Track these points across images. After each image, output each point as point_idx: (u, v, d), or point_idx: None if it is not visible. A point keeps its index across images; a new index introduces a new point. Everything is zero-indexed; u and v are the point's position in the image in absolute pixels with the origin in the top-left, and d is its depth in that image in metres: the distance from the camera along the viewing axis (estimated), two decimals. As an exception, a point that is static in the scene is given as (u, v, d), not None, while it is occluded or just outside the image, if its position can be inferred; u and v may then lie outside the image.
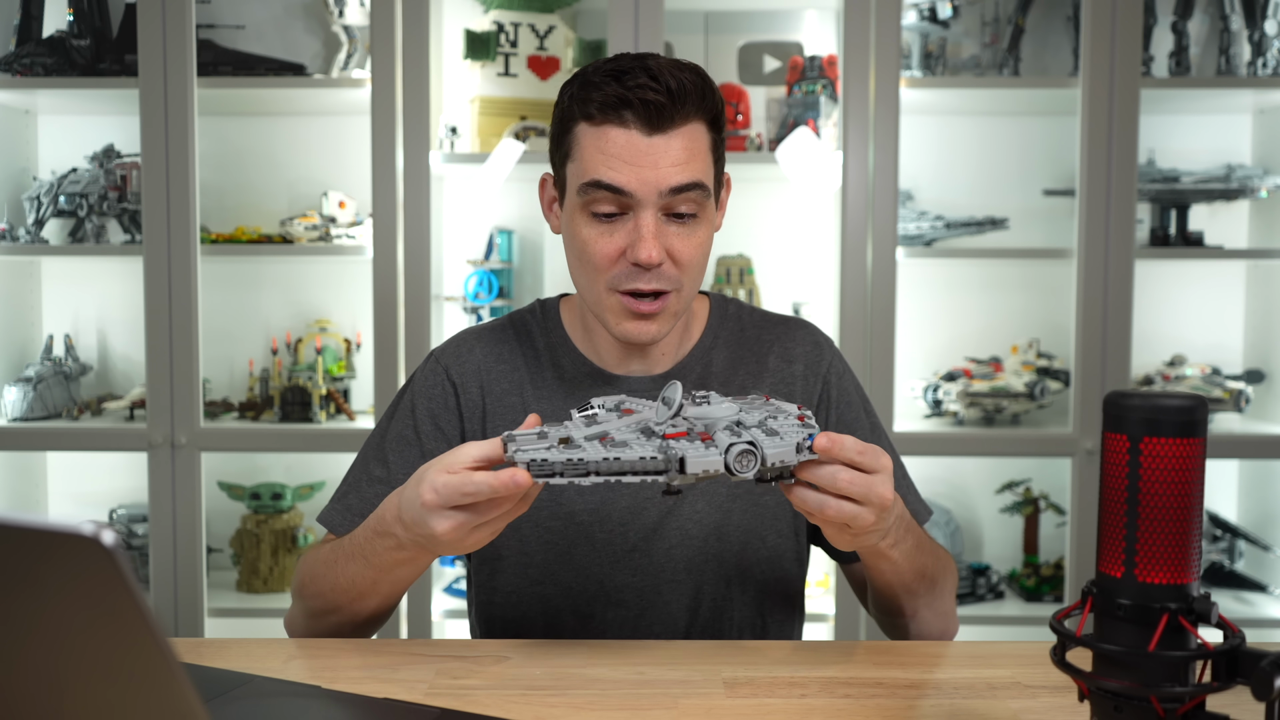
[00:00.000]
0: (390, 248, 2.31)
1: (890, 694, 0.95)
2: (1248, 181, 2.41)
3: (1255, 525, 2.57)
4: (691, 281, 1.15)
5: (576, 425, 0.95)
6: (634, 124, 1.09)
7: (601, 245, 1.12)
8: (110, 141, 2.51)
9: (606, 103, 1.09)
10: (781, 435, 0.91)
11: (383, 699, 0.92)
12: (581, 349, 1.24)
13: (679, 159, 1.09)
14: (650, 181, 1.09)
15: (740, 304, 1.31)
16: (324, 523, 1.22)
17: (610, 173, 1.09)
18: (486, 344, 1.26)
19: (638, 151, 1.09)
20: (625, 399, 1.02)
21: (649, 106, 1.08)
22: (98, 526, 0.48)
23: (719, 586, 1.20)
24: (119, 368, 2.65)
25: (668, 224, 1.12)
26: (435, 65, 2.40)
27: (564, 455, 0.89)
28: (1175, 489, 0.70)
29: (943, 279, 2.60)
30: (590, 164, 1.10)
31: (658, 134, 1.09)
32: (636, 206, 1.10)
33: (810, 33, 2.60)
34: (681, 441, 0.90)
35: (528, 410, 1.22)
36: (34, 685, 0.55)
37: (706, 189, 1.12)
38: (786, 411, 0.96)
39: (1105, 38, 2.26)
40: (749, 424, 0.93)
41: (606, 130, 1.09)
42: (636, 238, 1.10)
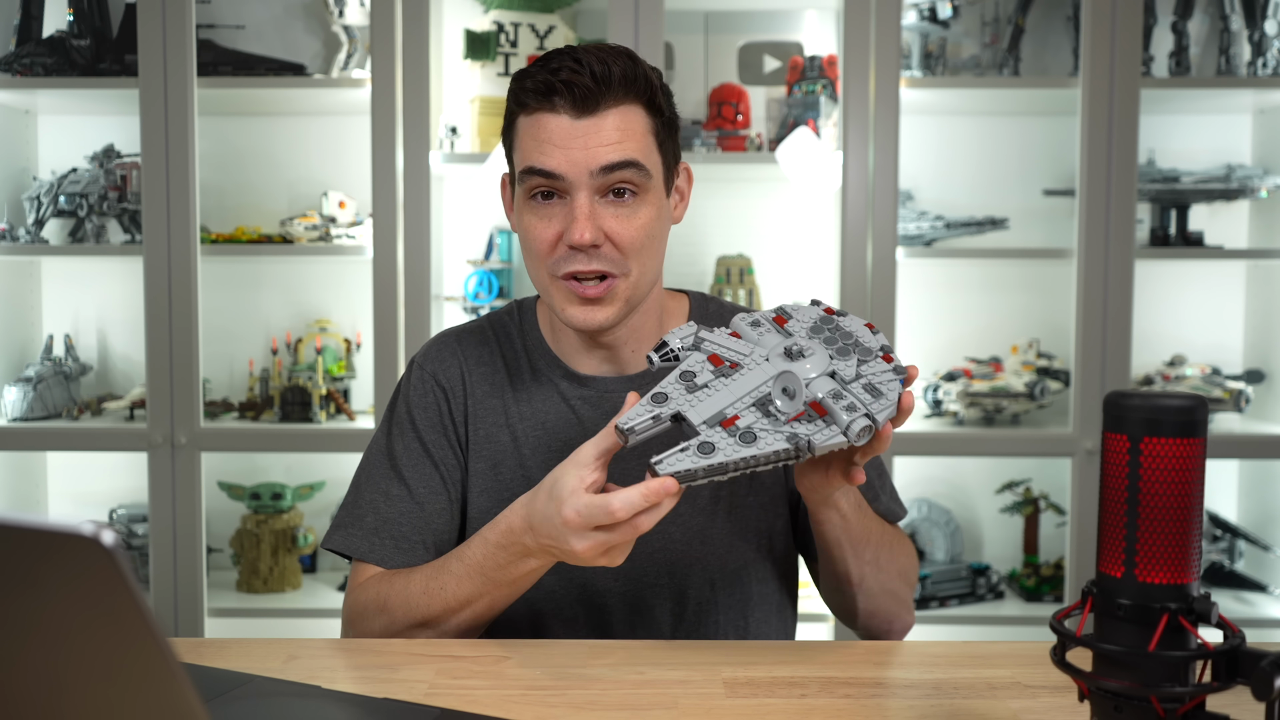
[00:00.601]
0: (390, 248, 2.31)
1: (890, 694, 0.95)
2: (1248, 181, 2.41)
3: (1255, 525, 2.57)
4: (640, 266, 1.14)
5: (677, 391, 0.96)
6: (563, 108, 1.10)
7: (540, 230, 1.12)
8: (110, 141, 2.51)
9: (537, 89, 1.10)
10: (884, 392, 0.95)
11: (383, 699, 0.92)
12: (554, 350, 1.24)
13: (610, 139, 1.10)
14: (580, 162, 1.09)
15: (721, 302, 1.31)
16: (350, 551, 1.19)
17: (541, 157, 1.10)
18: (466, 346, 1.26)
19: (567, 134, 1.10)
20: (699, 333, 1.02)
21: (573, 89, 1.09)
22: (98, 526, 0.48)
23: (703, 590, 1.20)
24: (119, 368, 2.65)
25: (604, 206, 1.12)
26: (435, 65, 2.40)
27: (705, 462, 0.91)
28: (1175, 489, 0.70)
29: (943, 279, 2.60)
30: (525, 151, 1.12)
31: (587, 116, 1.10)
32: (571, 189, 1.11)
33: (810, 33, 2.60)
34: (803, 424, 0.93)
35: (509, 413, 1.22)
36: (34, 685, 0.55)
37: (642, 168, 1.12)
38: (867, 348, 0.99)
39: (1105, 38, 2.26)
40: (848, 378, 0.96)
41: (539, 117, 1.11)
42: (570, 220, 1.10)
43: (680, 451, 0.92)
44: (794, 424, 0.93)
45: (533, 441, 1.21)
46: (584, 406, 1.21)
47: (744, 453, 0.91)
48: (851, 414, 0.92)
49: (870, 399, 0.94)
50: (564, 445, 1.20)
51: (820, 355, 0.97)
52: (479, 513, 1.21)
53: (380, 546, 1.18)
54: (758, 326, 1.02)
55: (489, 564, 1.06)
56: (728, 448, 0.91)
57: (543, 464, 1.19)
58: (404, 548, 1.18)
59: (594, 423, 1.20)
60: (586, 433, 1.20)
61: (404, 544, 1.18)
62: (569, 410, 1.21)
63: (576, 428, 1.20)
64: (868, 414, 0.92)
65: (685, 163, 1.23)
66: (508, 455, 1.21)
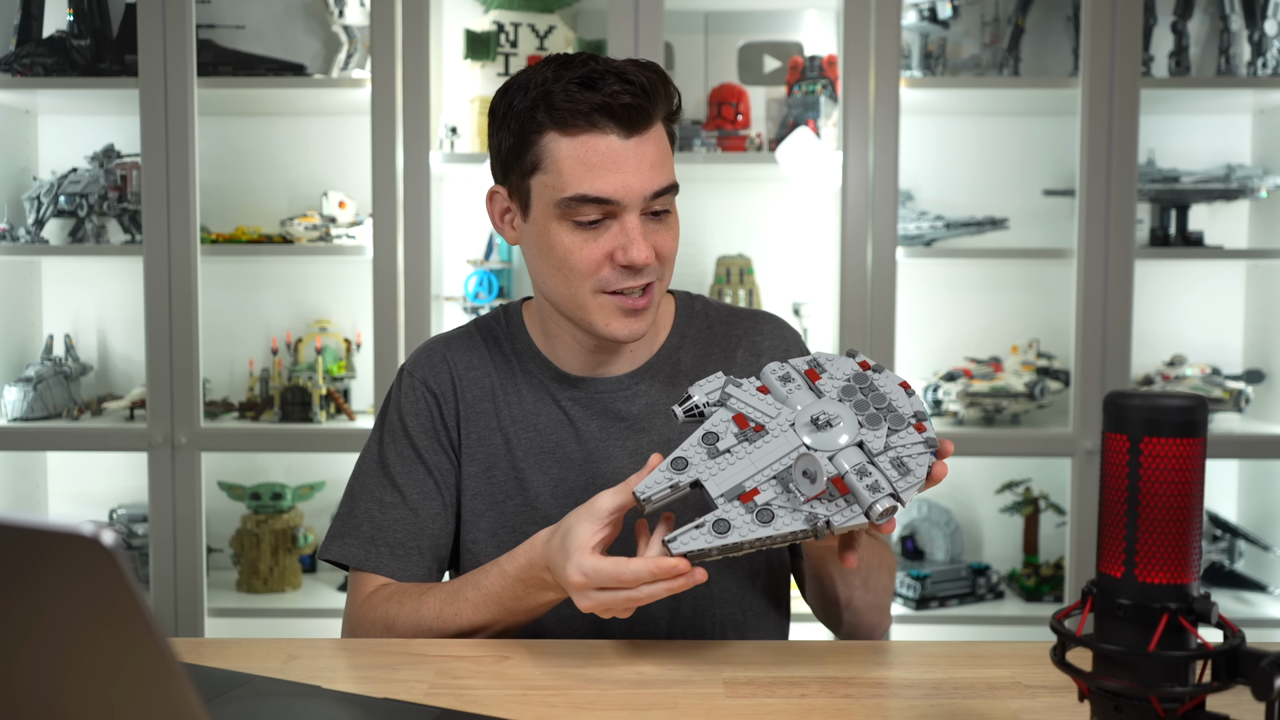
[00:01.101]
0: (390, 248, 2.31)
1: (890, 694, 0.95)
2: (1248, 181, 2.41)
3: (1255, 525, 2.57)
4: (669, 272, 1.17)
5: (699, 456, 0.95)
6: (611, 129, 1.09)
7: (587, 252, 1.11)
8: (110, 141, 2.51)
9: (580, 110, 1.08)
10: (911, 469, 0.92)
11: (383, 699, 0.92)
12: (545, 353, 1.24)
13: (655, 161, 1.11)
14: (635, 188, 1.09)
15: (706, 300, 1.31)
16: (347, 560, 1.19)
17: (597, 183, 1.09)
18: (456, 351, 1.26)
19: (619, 157, 1.09)
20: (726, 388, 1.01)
21: (628, 110, 1.08)
22: (98, 526, 0.48)
23: (699, 589, 1.20)
24: (119, 368, 2.65)
25: (648, 222, 1.13)
26: (435, 65, 2.40)
27: (719, 542, 0.90)
28: (1175, 489, 0.70)
29: (943, 279, 2.60)
30: (572, 176, 1.09)
31: (634, 136, 1.10)
32: (622, 213, 1.11)
33: (810, 33, 2.60)
34: (823, 504, 0.91)
35: (500, 416, 1.22)
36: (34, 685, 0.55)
37: (678, 187, 1.15)
38: (900, 415, 0.95)
39: (1105, 38, 2.26)
40: (875, 450, 0.93)
41: (584, 139, 1.09)
42: (626, 241, 1.10)
43: (695, 529, 0.91)
44: (813, 503, 0.91)
45: (525, 444, 1.21)
46: (575, 408, 1.22)
47: (760, 533, 0.90)
48: (875, 494, 0.89)
49: (897, 475, 0.91)
50: (555, 446, 1.20)
51: (849, 424, 0.94)
52: (473, 516, 1.21)
53: (377, 555, 1.18)
54: (788, 382, 0.99)
55: (507, 595, 1.07)
56: (743, 526, 0.90)
57: (536, 466, 1.20)
58: (400, 554, 1.18)
59: (583, 422, 1.21)
60: (576, 433, 1.20)
61: (399, 550, 1.18)
62: (560, 412, 1.22)
63: (568, 429, 1.21)
64: (893, 493, 0.89)
65: None
66: (500, 458, 1.21)
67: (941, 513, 2.57)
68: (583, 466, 1.20)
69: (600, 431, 1.21)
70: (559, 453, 1.21)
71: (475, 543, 1.21)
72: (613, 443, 1.20)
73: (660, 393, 1.22)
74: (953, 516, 2.57)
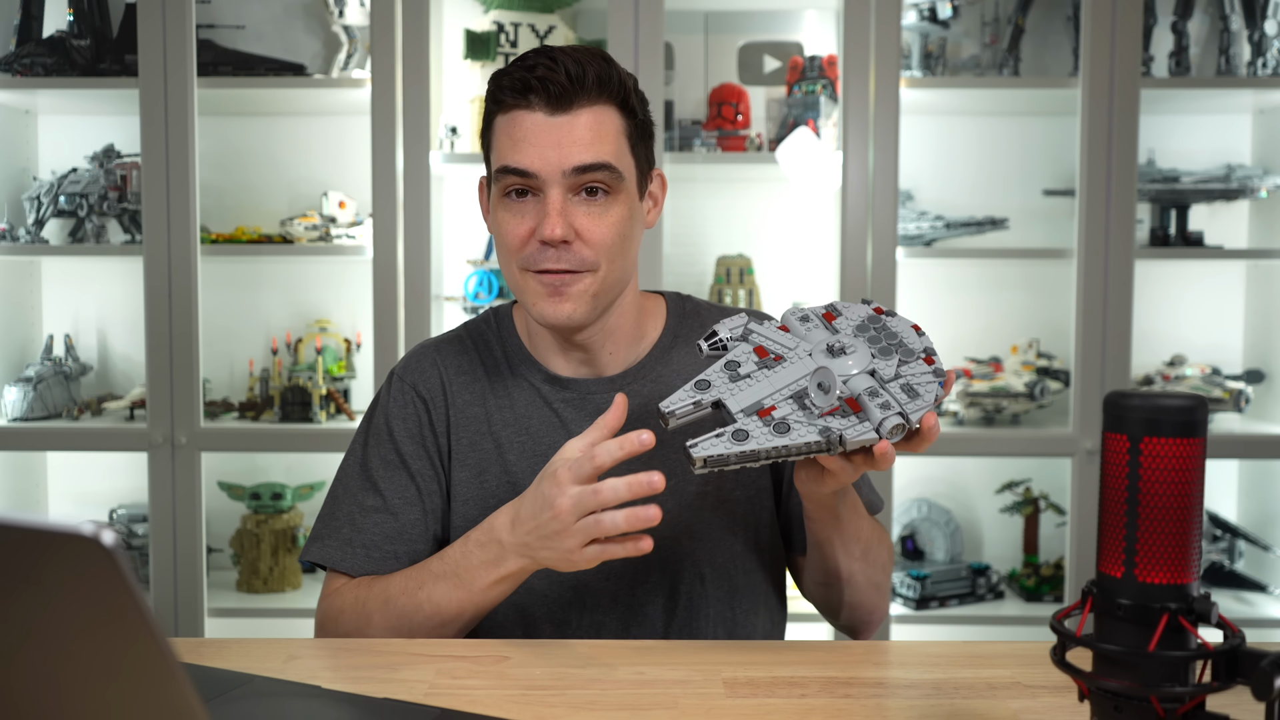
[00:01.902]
0: (390, 248, 2.31)
1: (890, 694, 0.95)
2: (1248, 181, 2.41)
3: (1255, 525, 2.57)
4: (610, 264, 1.15)
5: (720, 380, 1.00)
6: (538, 106, 1.11)
7: (513, 226, 1.14)
8: (110, 141, 2.51)
9: (513, 87, 1.12)
10: (920, 394, 0.96)
11: (383, 699, 0.92)
12: (534, 355, 1.24)
13: (583, 139, 1.11)
14: (553, 161, 1.11)
15: (698, 301, 1.31)
16: (325, 561, 1.20)
17: (516, 155, 1.12)
18: (446, 355, 1.26)
19: (541, 131, 1.11)
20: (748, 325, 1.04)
21: (548, 86, 1.10)
22: (98, 526, 0.48)
23: (694, 584, 1.20)
24: (119, 368, 2.65)
25: (577, 204, 1.13)
26: (435, 65, 2.40)
27: (737, 449, 0.94)
28: (1175, 489, 0.70)
29: (943, 279, 2.60)
30: (501, 150, 1.14)
31: (560, 114, 1.11)
32: (544, 186, 1.12)
33: (810, 33, 2.60)
34: (837, 419, 0.95)
35: (491, 419, 1.22)
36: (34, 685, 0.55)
37: (615, 170, 1.13)
38: (910, 349, 1.00)
39: (1105, 38, 2.26)
40: (887, 377, 0.98)
41: (514, 115, 1.13)
42: (542, 215, 1.12)
43: (715, 437, 0.95)
44: (828, 418, 0.95)
45: (517, 447, 1.21)
46: (566, 409, 1.21)
47: (776, 442, 0.94)
48: (885, 412, 0.94)
49: (906, 399, 0.96)
50: (548, 449, 1.20)
51: (862, 353, 0.99)
52: (464, 521, 1.21)
53: (353, 556, 1.19)
54: (806, 322, 1.04)
55: (464, 564, 1.07)
56: (761, 436, 0.95)
57: (528, 469, 1.20)
58: (375, 557, 1.19)
59: (577, 424, 1.20)
60: (570, 434, 1.20)
61: (375, 553, 1.19)
62: (551, 413, 1.21)
63: (560, 430, 1.21)
64: (901, 413, 0.94)
65: (659, 169, 1.24)
66: (492, 462, 1.21)
67: (941, 513, 2.57)
68: None
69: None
70: (550, 455, 1.20)
71: None
72: None
73: (651, 393, 1.22)
74: (953, 516, 2.57)
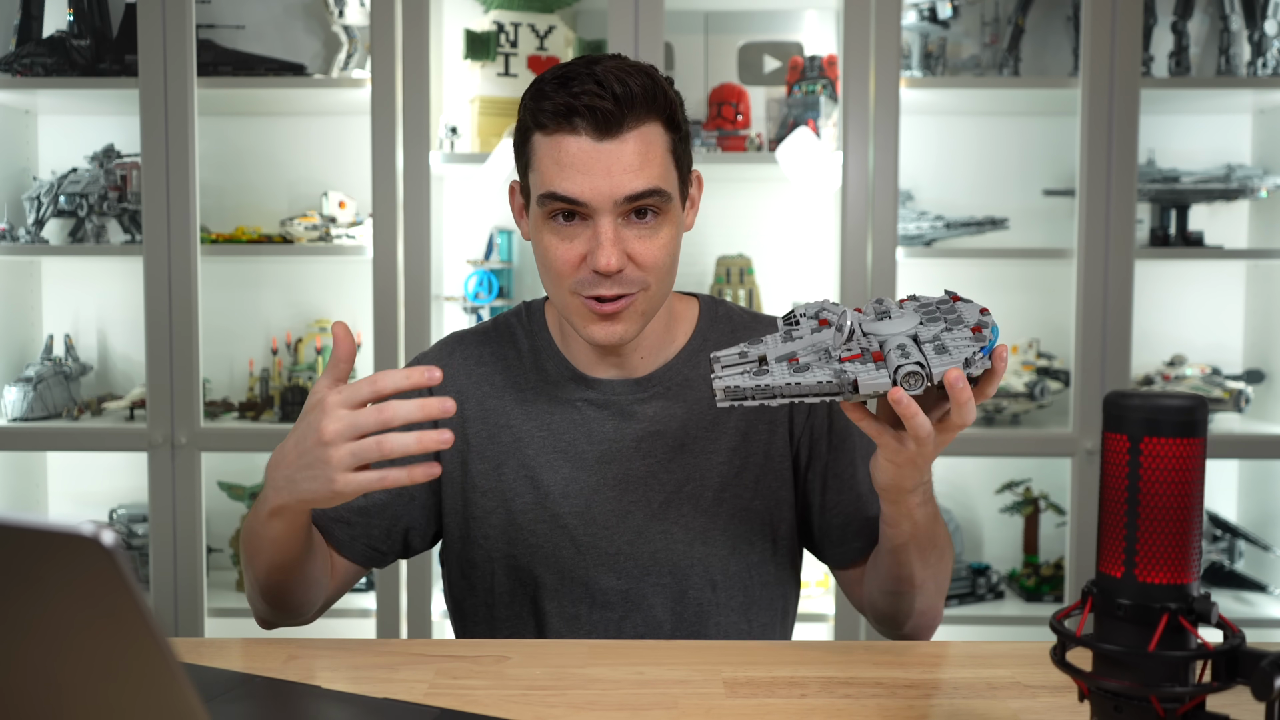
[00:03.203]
0: (390, 248, 2.31)
1: (890, 694, 0.95)
2: (1248, 181, 2.41)
3: (1255, 525, 2.57)
4: (659, 281, 1.14)
5: (774, 341, 1.01)
6: (584, 131, 1.08)
7: (562, 252, 1.11)
8: (110, 141, 2.51)
9: (556, 111, 1.08)
10: (950, 351, 0.94)
11: (383, 699, 0.92)
12: (563, 352, 1.23)
13: (633, 164, 1.08)
14: (604, 191, 1.08)
15: (731, 306, 1.30)
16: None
17: (564, 183, 1.08)
18: (469, 347, 1.26)
19: (589, 159, 1.08)
20: (825, 307, 1.03)
21: (596, 113, 1.07)
22: (98, 526, 0.48)
23: (704, 590, 1.20)
24: (119, 368, 2.65)
25: (628, 227, 1.10)
26: (435, 65, 2.40)
27: (754, 381, 0.95)
28: (1175, 489, 0.70)
29: (943, 279, 2.60)
30: (546, 174, 1.10)
31: (608, 139, 1.08)
32: (593, 214, 1.09)
33: (810, 33, 2.60)
34: (855, 364, 0.94)
35: (511, 413, 1.21)
36: (33, 685, 0.55)
37: (665, 194, 1.11)
38: (963, 320, 0.98)
39: (1105, 38, 2.26)
40: (924, 339, 0.96)
41: (559, 139, 1.09)
42: (595, 245, 1.09)
43: (739, 372, 0.97)
44: (848, 363, 0.95)
45: (537, 442, 1.20)
46: (589, 408, 1.21)
47: (791, 379, 0.94)
48: (906, 360, 0.92)
49: (934, 354, 0.93)
50: (568, 446, 1.20)
51: (908, 319, 0.99)
52: (483, 513, 1.21)
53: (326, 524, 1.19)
54: (880, 304, 1.03)
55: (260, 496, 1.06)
56: (779, 373, 0.95)
57: (547, 464, 1.20)
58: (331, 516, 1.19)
59: (599, 423, 1.20)
60: (590, 434, 1.20)
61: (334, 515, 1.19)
62: (574, 411, 1.21)
63: (581, 429, 1.20)
64: (920, 361, 0.92)
65: (696, 170, 1.22)
66: (510, 455, 1.21)
67: (942, 512, 2.56)
68: (594, 467, 1.19)
69: (614, 432, 1.20)
70: (571, 452, 1.20)
71: (486, 539, 1.21)
72: (627, 444, 1.20)
73: (677, 396, 1.21)
74: (953, 516, 2.57)
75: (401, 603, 2.34)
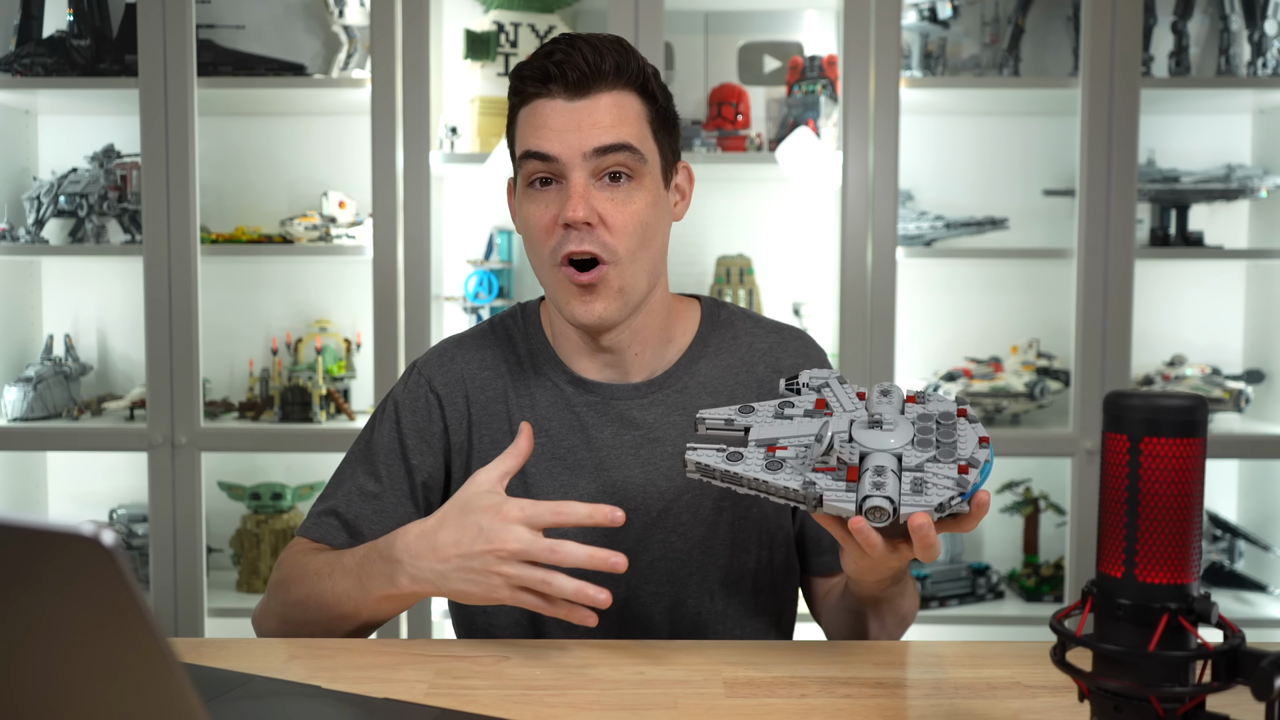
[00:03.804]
0: (390, 248, 2.31)
1: (890, 694, 0.95)
2: (1248, 181, 2.41)
3: (1255, 525, 2.57)
4: (630, 254, 1.13)
5: (765, 413, 0.99)
6: (558, 93, 1.12)
7: (538, 214, 1.14)
8: (110, 141, 2.51)
9: (533, 76, 1.13)
10: (926, 493, 0.89)
11: (383, 699, 0.92)
12: (558, 353, 1.23)
13: (604, 122, 1.11)
14: (573, 144, 1.11)
15: (733, 309, 1.29)
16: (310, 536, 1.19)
17: (537, 140, 1.12)
18: (469, 351, 1.25)
19: (561, 117, 1.11)
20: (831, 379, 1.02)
21: (566, 71, 1.10)
22: (98, 526, 0.48)
23: (701, 599, 1.19)
24: (119, 368, 2.65)
25: (600, 189, 1.12)
26: (435, 65, 2.40)
27: (724, 467, 0.94)
28: (1175, 489, 0.70)
29: (943, 279, 2.60)
30: (523, 137, 1.14)
31: (580, 98, 1.11)
32: (566, 171, 1.12)
33: (810, 33, 2.60)
34: (826, 478, 0.92)
35: (513, 418, 1.20)
36: (33, 685, 0.55)
37: (636, 152, 1.12)
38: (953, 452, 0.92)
39: (1105, 38, 2.26)
40: (908, 464, 0.92)
41: (535, 104, 1.13)
42: (565, 198, 1.12)
43: (716, 450, 0.96)
44: (821, 474, 0.92)
45: (537, 449, 1.19)
46: (589, 413, 1.20)
47: (760, 475, 0.93)
48: (876, 491, 0.88)
49: (909, 490, 0.89)
50: (566, 453, 1.19)
51: (900, 434, 0.94)
52: None
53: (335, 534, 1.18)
54: (886, 395, 0.99)
55: (367, 569, 1.05)
56: (752, 465, 0.94)
57: (546, 471, 1.19)
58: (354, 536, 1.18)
59: (598, 429, 1.19)
60: (590, 440, 1.19)
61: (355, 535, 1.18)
62: (573, 416, 1.20)
63: (580, 435, 1.19)
64: (889, 497, 0.88)
65: (685, 162, 1.23)
66: None
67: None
68: (593, 474, 1.19)
69: (613, 439, 1.19)
70: (570, 459, 1.19)
71: None
72: (625, 451, 1.19)
73: (676, 403, 1.21)
74: (953, 516, 2.57)
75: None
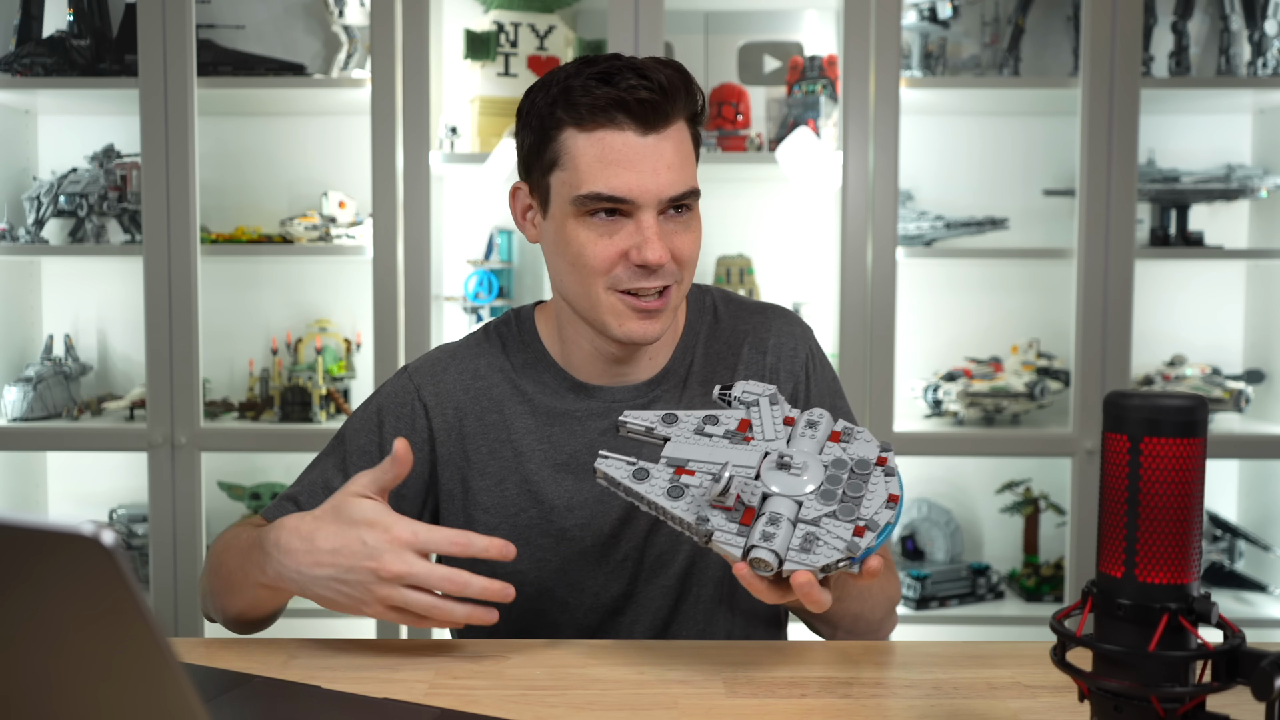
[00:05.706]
0: (390, 248, 2.31)
1: (890, 694, 0.95)
2: (1248, 181, 2.41)
3: (1255, 525, 2.57)
4: (689, 275, 1.16)
5: (688, 426, 0.99)
6: (628, 125, 1.07)
7: (601, 248, 1.10)
8: (110, 141, 2.51)
9: (598, 105, 1.07)
10: (814, 551, 0.88)
11: (383, 699, 0.92)
12: (559, 361, 1.22)
13: (674, 162, 1.09)
14: (651, 189, 1.08)
15: (718, 293, 1.29)
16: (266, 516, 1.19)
17: (611, 179, 1.07)
18: (462, 361, 1.23)
19: (635, 154, 1.08)
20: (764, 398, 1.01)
21: (644, 106, 1.07)
22: (98, 526, 0.48)
23: (702, 599, 1.20)
24: (119, 368, 2.65)
25: (665, 221, 1.11)
26: (435, 65, 2.40)
27: (628, 484, 0.95)
28: (1175, 489, 0.70)
29: (943, 279, 2.60)
30: (588, 173, 1.08)
31: (651, 134, 1.08)
32: (636, 210, 1.09)
33: (810, 33, 2.60)
34: (721, 517, 0.92)
35: (511, 427, 1.19)
36: (33, 685, 0.55)
37: (699, 193, 1.13)
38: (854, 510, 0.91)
39: (1105, 38, 2.26)
40: (805, 515, 0.91)
41: (600, 135, 1.08)
42: (641, 240, 1.09)
43: (627, 463, 0.96)
44: (717, 510, 0.92)
45: (538, 456, 1.19)
46: (591, 419, 1.20)
47: (659, 500, 0.94)
48: (764, 542, 0.88)
49: (798, 545, 0.89)
50: (569, 458, 1.18)
51: (810, 475, 0.93)
52: (487, 530, 1.18)
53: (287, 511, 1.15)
54: (812, 428, 0.98)
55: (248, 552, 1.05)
56: (655, 487, 0.94)
57: (549, 478, 1.18)
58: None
59: (599, 434, 1.19)
60: (593, 445, 1.18)
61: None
62: (575, 423, 1.19)
63: (582, 439, 1.19)
64: (775, 551, 0.88)
65: None
66: (511, 471, 1.19)
67: (941, 513, 2.57)
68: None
69: (615, 443, 1.19)
70: (572, 464, 1.18)
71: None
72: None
73: (673, 399, 1.20)
74: (953, 516, 2.57)
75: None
